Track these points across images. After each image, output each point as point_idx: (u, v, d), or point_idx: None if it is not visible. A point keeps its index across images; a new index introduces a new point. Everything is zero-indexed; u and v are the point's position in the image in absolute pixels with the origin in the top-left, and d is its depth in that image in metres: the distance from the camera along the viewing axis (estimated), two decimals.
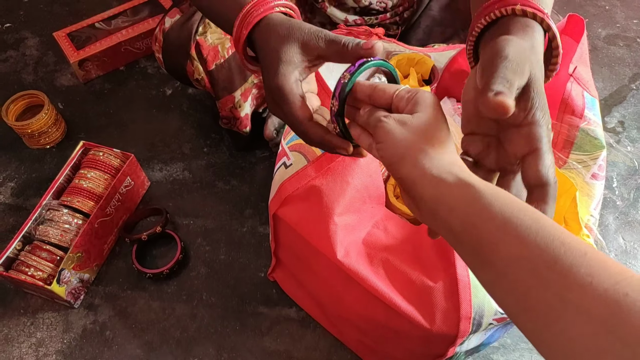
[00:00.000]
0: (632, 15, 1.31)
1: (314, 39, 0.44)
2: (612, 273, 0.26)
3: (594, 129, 0.65)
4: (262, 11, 0.46)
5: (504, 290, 0.30)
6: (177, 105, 1.10)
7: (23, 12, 1.30)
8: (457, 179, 0.32)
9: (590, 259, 0.26)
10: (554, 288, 0.27)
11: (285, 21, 0.45)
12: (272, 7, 0.46)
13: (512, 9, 0.40)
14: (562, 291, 0.26)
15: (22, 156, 1.02)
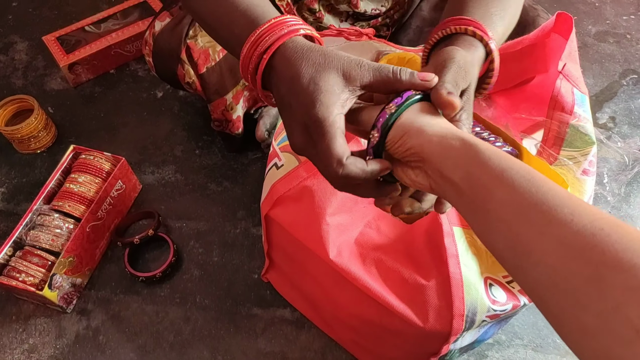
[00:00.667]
0: (622, 11, 1.32)
1: (356, 68, 0.40)
2: (592, 212, 0.29)
3: (584, 125, 0.66)
4: (284, 32, 0.41)
5: (495, 233, 0.33)
6: (168, 107, 1.10)
7: (12, 16, 1.30)
8: (459, 140, 0.36)
9: (574, 201, 0.30)
10: (538, 225, 0.30)
11: (316, 47, 0.41)
12: (297, 29, 0.42)
13: (465, 28, 0.48)
14: (544, 227, 0.29)
15: (12, 161, 1.02)
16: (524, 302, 0.61)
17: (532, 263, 0.30)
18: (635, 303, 0.24)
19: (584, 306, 0.27)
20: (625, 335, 0.24)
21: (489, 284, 0.60)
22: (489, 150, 0.35)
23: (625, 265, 0.26)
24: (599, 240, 0.27)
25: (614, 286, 0.26)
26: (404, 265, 0.61)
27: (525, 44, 0.74)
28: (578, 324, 0.27)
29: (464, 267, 0.57)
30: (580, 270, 0.27)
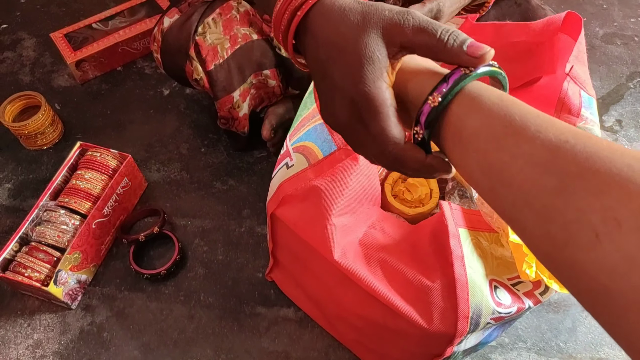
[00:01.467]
0: (630, 13, 1.31)
1: (398, 24, 0.34)
2: (559, 127, 0.28)
3: (591, 128, 0.65)
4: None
5: (470, 160, 0.32)
6: (175, 105, 1.10)
7: (20, 13, 1.30)
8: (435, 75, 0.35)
9: (542, 119, 0.29)
10: (507, 147, 0.29)
11: (356, 3, 0.36)
12: None
13: None
14: (513, 148, 0.29)
15: (19, 157, 1.02)
16: (529, 304, 0.61)
17: (504, 185, 0.29)
18: (596, 208, 0.24)
19: (552, 219, 0.26)
20: (587, 241, 0.25)
21: (494, 286, 0.60)
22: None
23: (587, 173, 0.25)
24: (564, 152, 0.27)
25: (576, 194, 0.26)
26: (408, 266, 0.61)
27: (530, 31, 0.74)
28: (547, 238, 0.27)
29: (469, 269, 0.57)
30: (547, 184, 0.27)
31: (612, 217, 0.24)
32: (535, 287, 0.62)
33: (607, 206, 0.24)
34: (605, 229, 0.24)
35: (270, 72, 0.87)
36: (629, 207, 0.24)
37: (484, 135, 0.31)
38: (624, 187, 0.24)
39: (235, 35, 0.82)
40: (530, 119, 0.29)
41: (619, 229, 0.24)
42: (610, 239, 0.24)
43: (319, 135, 0.64)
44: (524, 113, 0.30)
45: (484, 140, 0.31)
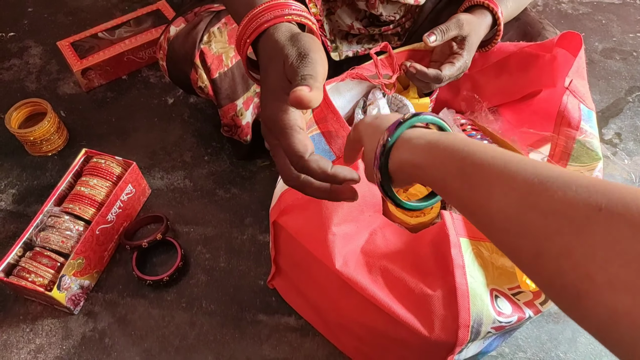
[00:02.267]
0: (628, 29, 1.33)
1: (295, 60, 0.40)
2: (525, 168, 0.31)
3: (591, 141, 0.66)
4: (271, 17, 0.42)
5: (460, 210, 0.36)
6: (179, 114, 1.11)
7: (27, 21, 1.32)
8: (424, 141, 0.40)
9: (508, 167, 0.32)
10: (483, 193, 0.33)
11: (286, 35, 0.41)
12: (283, 15, 0.42)
13: (476, 1, 0.73)
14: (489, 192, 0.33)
15: (24, 163, 1.03)
16: (529, 314, 0.61)
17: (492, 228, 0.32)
18: (567, 269, 0.26)
19: (535, 277, 0.29)
20: (572, 301, 0.26)
21: (495, 296, 0.61)
22: (441, 140, 0.37)
23: (553, 234, 0.27)
24: (530, 206, 0.29)
25: (550, 256, 0.27)
26: (410, 274, 0.62)
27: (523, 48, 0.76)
28: (537, 281, 0.29)
29: (470, 278, 0.58)
30: (524, 246, 0.29)
31: (585, 274, 0.25)
32: (536, 297, 0.63)
33: (578, 263, 0.25)
34: (582, 286, 0.25)
35: None
36: (595, 262, 0.25)
37: (461, 193, 0.34)
38: (587, 240, 0.25)
39: None
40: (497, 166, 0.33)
41: (594, 284, 0.25)
42: (588, 295, 0.25)
43: (317, 144, 0.65)
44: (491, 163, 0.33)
45: (463, 193, 0.34)
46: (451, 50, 0.74)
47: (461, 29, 0.70)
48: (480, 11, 0.74)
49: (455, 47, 0.74)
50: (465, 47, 0.72)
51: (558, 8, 1.39)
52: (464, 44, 0.72)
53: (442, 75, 0.71)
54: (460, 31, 0.71)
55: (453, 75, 0.72)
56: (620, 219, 0.24)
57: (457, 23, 0.70)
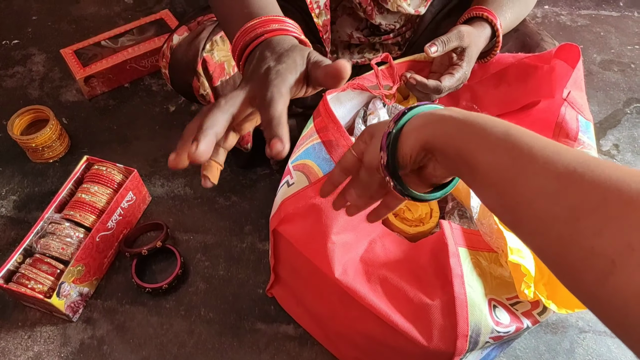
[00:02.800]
0: (626, 41, 1.34)
1: (316, 55, 0.46)
2: (565, 156, 0.30)
3: (588, 152, 0.67)
4: (275, 28, 0.48)
5: (488, 196, 0.35)
6: (180, 122, 1.12)
7: (31, 29, 1.33)
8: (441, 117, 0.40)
9: (549, 149, 0.32)
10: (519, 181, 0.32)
11: (291, 39, 0.48)
12: (291, 31, 0.49)
13: (479, 13, 0.74)
14: (525, 181, 0.32)
15: (25, 170, 1.04)
16: (527, 324, 0.61)
17: (521, 217, 0.32)
18: (608, 235, 0.25)
19: (568, 248, 0.28)
20: (604, 269, 0.25)
21: (493, 306, 0.61)
22: (469, 117, 0.37)
23: (597, 202, 0.27)
24: (572, 182, 0.28)
25: (588, 224, 0.27)
26: (409, 284, 0.62)
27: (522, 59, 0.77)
28: (566, 266, 0.28)
29: (468, 287, 0.58)
30: (559, 214, 0.28)
31: (626, 244, 0.24)
32: (534, 307, 0.63)
33: (621, 232, 0.25)
34: (619, 256, 0.25)
35: None
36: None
37: (496, 172, 0.33)
38: (636, 212, 0.25)
39: None
40: (538, 150, 0.31)
41: (633, 254, 0.24)
42: (625, 265, 0.24)
43: (317, 154, 0.65)
44: (532, 144, 0.32)
45: (496, 177, 0.33)
46: (451, 61, 0.75)
47: (462, 40, 0.71)
48: (479, 23, 0.75)
49: (455, 58, 0.74)
50: (464, 59, 0.73)
51: (557, 20, 1.40)
52: (463, 55, 0.73)
53: (442, 86, 0.71)
54: (461, 42, 0.72)
55: (452, 86, 0.73)
56: None
57: (458, 34, 0.71)
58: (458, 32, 0.71)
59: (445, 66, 0.76)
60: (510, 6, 0.76)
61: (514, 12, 0.77)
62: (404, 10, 0.83)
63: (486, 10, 0.74)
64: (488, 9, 0.74)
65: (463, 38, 0.71)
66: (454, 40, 0.71)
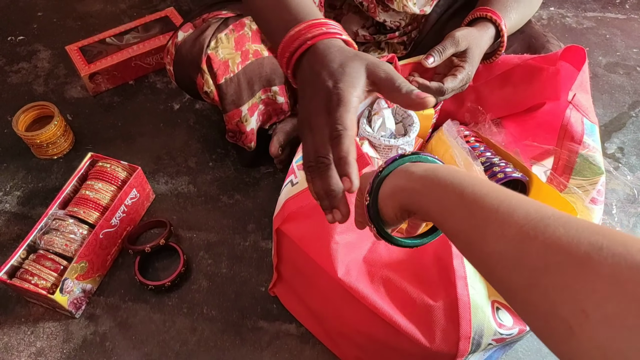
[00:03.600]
0: (632, 44, 1.34)
1: (379, 66, 0.45)
2: (520, 212, 0.31)
3: (593, 155, 0.67)
4: (325, 31, 0.48)
5: (459, 249, 0.36)
6: (184, 119, 1.12)
7: (37, 25, 1.34)
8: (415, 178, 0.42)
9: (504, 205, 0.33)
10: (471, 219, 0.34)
11: (348, 47, 0.48)
12: (336, 33, 0.48)
13: (483, 14, 0.74)
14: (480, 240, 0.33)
15: (29, 166, 1.04)
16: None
17: (488, 279, 0.33)
18: (566, 300, 0.26)
19: (532, 313, 0.29)
20: (564, 333, 0.26)
21: (496, 308, 0.61)
22: (434, 179, 0.38)
23: (553, 266, 0.27)
24: (527, 246, 0.29)
25: (547, 289, 0.27)
26: (412, 284, 0.62)
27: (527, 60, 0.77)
28: (534, 328, 0.29)
29: (471, 289, 0.58)
30: (519, 280, 0.29)
31: (580, 310, 0.25)
32: None
33: (574, 298, 0.25)
34: (576, 321, 0.25)
35: (279, 88, 0.89)
36: (592, 298, 0.25)
37: (465, 227, 0.34)
38: (587, 276, 0.25)
39: (246, 51, 0.84)
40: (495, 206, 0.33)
41: (588, 320, 0.24)
42: (581, 331, 0.25)
43: None
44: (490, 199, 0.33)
45: (465, 232, 0.34)
46: (453, 62, 0.75)
47: (457, 46, 0.71)
48: (482, 24, 0.74)
49: (457, 60, 0.74)
50: (467, 60, 0.73)
51: (562, 22, 1.40)
52: (465, 56, 0.73)
53: (445, 88, 0.71)
54: (457, 48, 0.71)
55: (456, 87, 0.73)
56: (621, 260, 0.24)
57: (452, 41, 0.71)
58: (452, 39, 0.71)
59: (448, 67, 0.76)
60: (515, 7, 0.76)
61: (519, 13, 0.77)
62: (410, 10, 0.83)
63: (490, 10, 0.74)
64: (492, 10, 0.74)
65: (458, 43, 0.71)
66: (449, 47, 0.71)
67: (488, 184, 0.35)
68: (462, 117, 0.89)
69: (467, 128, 0.85)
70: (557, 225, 0.28)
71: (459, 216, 0.35)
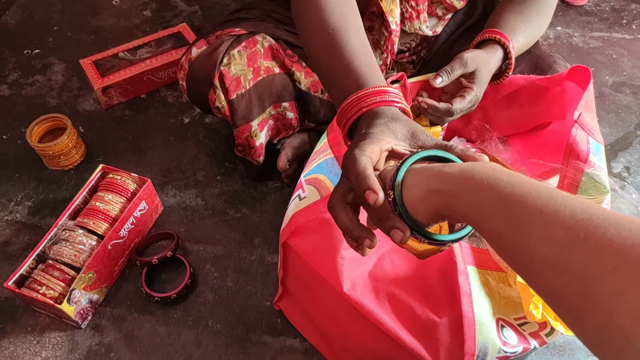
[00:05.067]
0: (638, 64, 1.35)
1: (423, 133, 0.47)
2: (569, 213, 0.29)
3: (599, 174, 0.67)
4: (387, 99, 0.50)
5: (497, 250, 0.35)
6: (194, 133, 1.14)
7: (52, 39, 1.37)
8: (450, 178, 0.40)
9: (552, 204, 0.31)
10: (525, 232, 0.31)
11: (401, 114, 0.50)
12: (392, 101, 0.50)
13: (492, 36, 0.75)
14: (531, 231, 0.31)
15: (40, 176, 1.06)
16: (534, 345, 0.61)
17: (533, 283, 0.31)
18: (622, 309, 0.25)
19: (583, 321, 0.27)
20: (620, 343, 0.25)
21: (501, 325, 0.61)
22: (477, 168, 0.37)
23: (605, 272, 0.26)
24: (577, 249, 0.27)
25: (600, 296, 0.26)
26: (417, 300, 0.62)
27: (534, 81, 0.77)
28: (584, 338, 0.27)
29: (476, 306, 0.58)
30: (568, 286, 0.27)
31: (639, 317, 0.24)
32: (541, 328, 0.63)
33: (632, 305, 0.24)
34: (634, 330, 0.24)
35: (289, 104, 0.91)
36: None
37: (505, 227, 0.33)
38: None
39: (258, 68, 0.86)
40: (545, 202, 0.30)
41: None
42: (639, 340, 0.23)
43: (330, 169, 0.66)
44: (538, 195, 0.31)
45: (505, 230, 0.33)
46: (462, 83, 0.76)
47: (466, 67, 0.72)
48: (491, 46, 0.75)
49: (465, 81, 0.75)
50: (475, 81, 0.74)
51: (569, 41, 1.41)
52: (473, 77, 0.74)
53: (454, 109, 0.72)
54: (465, 69, 0.72)
55: (465, 108, 0.74)
56: None
57: (460, 62, 0.72)
58: (461, 60, 0.72)
59: (457, 87, 0.77)
60: (522, 29, 0.77)
61: (527, 35, 0.78)
62: (423, 32, 0.84)
63: (499, 33, 0.75)
64: (501, 32, 0.75)
65: (467, 65, 0.72)
66: (458, 68, 0.72)
67: (528, 182, 0.33)
68: (469, 135, 0.90)
69: (473, 145, 0.86)
70: (607, 226, 0.26)
71: (498, 218, 0.33)
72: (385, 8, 0.77)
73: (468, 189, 0.36)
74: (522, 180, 0.33)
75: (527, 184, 0.33)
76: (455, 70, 0.72)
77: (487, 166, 0.37)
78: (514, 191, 0.33)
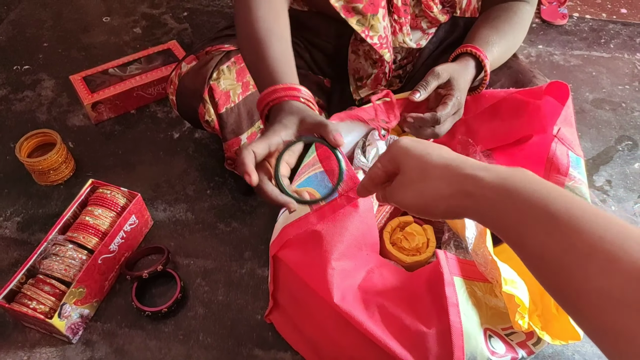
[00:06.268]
0: (617, 81, 1.39)
1: (310, 117, 0.56)
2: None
3: (580, 187, 0.69)
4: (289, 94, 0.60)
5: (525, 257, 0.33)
6: (184, 148, 1.15)
7: (42, 55, 1.37)
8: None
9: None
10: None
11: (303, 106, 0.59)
12: (298, 97, 0.60)
13: (466, 50, 0.79)
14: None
15: (30, 192, 1.05)
16: (522, 355, 0.63)
17: (581, 316, 0.29)
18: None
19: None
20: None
21: (489, 335, 0.62)
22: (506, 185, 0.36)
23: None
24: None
25: None
26: (405, 312, 0.63)
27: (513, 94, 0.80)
28: None
29: (464, 316, 0.60)
30: (632, 327, 0.26)
31: None
32: (528, 337, 0.64)
33: None
34: None
35: None
36: None
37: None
38: None
39: (247, 83, 0.88)
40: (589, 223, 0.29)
41: None
42: None
43: (320, 182, 0.68)
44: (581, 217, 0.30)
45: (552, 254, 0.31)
46: (441, 94, 0.79)
47: (439, 78, 0.76)
48: (463, 58, 0.80)
49: (443, 91, 0.78)
50: (453, 87, 0.77)
51: (550, 59, 1.45)
52: (450, 85, 0.77)
53: (438, 116, 0.75)
54: (439, 80, 0.76)
55: (450, 113, 0.76)
56: None
57: (433, 75, 0.76)
58: (433, 73, 0.76)
59: (439, 100, 0.79)
60: (497, 42, 0.81)
61: (502, 46, 0.82)
62: (407, 45, 0.87)
63: (472, 46, 0.79)
64: (474, 45, 0.79)
65: (440, 76, 0.76)
66: (432, 80, 0.75)
67: (578, 202, 0.30)
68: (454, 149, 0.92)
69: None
70: None
71: (549, 241, 0.30)
72: (357, 29, 0.81)
73: (509, 201, 0.33)
74: (571, 199, 0.31)
75: (576, 203, 0.30)
76: (431, 83, 0.75)
77: (525, 176, 0.35)
78: (569, 213, 0.30)
